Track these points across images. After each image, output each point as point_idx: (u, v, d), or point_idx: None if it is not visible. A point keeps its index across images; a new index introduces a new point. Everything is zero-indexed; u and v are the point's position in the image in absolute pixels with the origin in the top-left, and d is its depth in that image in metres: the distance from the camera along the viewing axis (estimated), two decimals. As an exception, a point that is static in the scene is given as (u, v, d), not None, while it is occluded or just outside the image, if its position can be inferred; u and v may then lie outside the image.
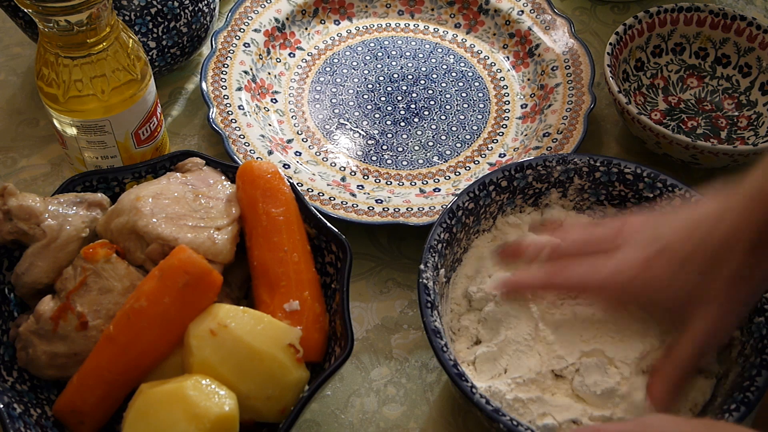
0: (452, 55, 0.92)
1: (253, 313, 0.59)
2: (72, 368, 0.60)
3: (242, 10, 0.91)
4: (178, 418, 0.54)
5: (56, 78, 0.67)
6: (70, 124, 0.70)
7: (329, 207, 0.75)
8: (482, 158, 0.83)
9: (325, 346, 0.63)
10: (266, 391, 0.58)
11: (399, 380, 0.69)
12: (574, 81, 0.85)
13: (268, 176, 0.66)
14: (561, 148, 0.79)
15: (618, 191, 0.70)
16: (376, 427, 0.66)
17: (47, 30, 0.65)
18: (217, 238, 0.63)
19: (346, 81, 0.89)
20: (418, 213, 0.75)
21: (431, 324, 0.60)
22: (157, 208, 0.63)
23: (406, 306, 0.73)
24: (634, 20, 0.86)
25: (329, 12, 0.95)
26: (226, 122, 0.81)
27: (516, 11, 0.93)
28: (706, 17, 0.87)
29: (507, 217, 0.70)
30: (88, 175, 0.68)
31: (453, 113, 0.87)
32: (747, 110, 0.86)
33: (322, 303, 0.64)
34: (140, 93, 0.71)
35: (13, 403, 0.58)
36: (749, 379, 0.58)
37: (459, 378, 0.57)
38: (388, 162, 0.83)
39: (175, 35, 0.83)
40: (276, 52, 0.91)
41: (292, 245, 0.64)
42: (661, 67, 0.89)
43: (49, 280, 0.63)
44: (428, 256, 0.63)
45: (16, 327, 0.62)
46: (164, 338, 0.59)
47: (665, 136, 0.76)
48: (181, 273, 0.58)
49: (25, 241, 0.63)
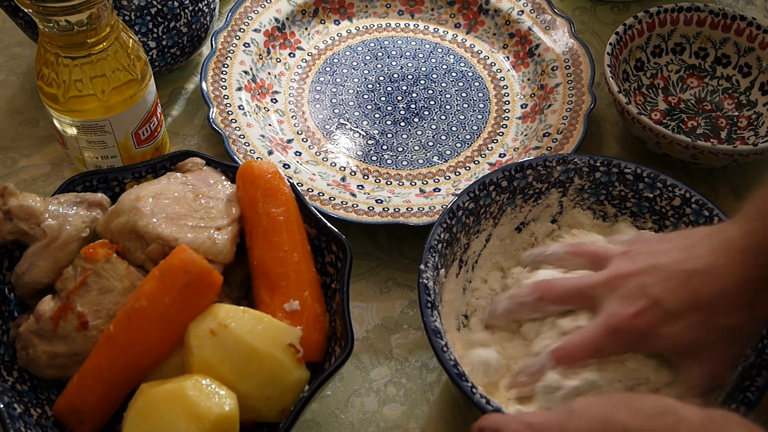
0: (452, 55, 0.92)
1: (253, 313, 0.59)
2: (72, 368, 0.60)
3: (242, 10, 0.91)
4: (179, 418, 0.54)
5: (56, 78, 0.67)
6: (70, 124, 0.70)
7: (329, 207, 0.75)
8: (482, 158, 0.83)
9: (325, 346, 0.63)
10: (266, 391, 0.58)
11: (399, 380, 0.69)
12: (574, 81, 0.85)
13: (268, 176, 0.66)
14: (561, 148, 0.79)
15: (618, 191, 0.70)
16: (376, 427, 0.66)
17: (47, 30, 0.65)
18: (218, 238, 0.63)
19: (346, 81, 0.89)
20: (418, 213, 0.75)
21: (431, 324, 0.60)
22: (157, 208, 0.63)
23: (406, 306, 0.73)
24: (634, 20, 0.86)
25: (329, 12, 0.95)
26: (226, 122, 0.81)
27: (516, 11, 0.93)
28: (706, 17, 0.87)
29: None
30: (88, 175, 0.68)
31: (453, 113, 0.87)
32: (747, 110, 0.86)
33: (322, 303, 0.64)
34: (140, 93, 0.71)
35: (13, 403, 0.58)
36: (749, 378, 0.58)
37: (459, 378, 0.57)
38: (388, 162, 0.83)
39: (175, 35, 0.83)
40: (276, 52, 0.91)
41: (292, 245, 0.64)
42: (661, 67, 0.89)
43: (50, 280, 0.63)
44: (428, 256, 0.63)
45: (16, 327, 0.62)
46: (164, 338, 0.59)
47: (665, 136, 0.76)
48: (181, 273, 0.58)
49: (25, 241, 0.63)
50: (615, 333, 0.57)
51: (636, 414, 0.46)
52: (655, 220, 0.70)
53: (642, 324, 0.56)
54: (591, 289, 0.60)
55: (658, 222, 0.70)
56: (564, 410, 0.51)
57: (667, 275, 0.56)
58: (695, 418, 0.45)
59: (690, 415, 0.45)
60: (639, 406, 0.47)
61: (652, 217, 0.70)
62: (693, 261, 0.56)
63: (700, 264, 0.55)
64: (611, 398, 0.51)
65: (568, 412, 0.50)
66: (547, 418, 0.50)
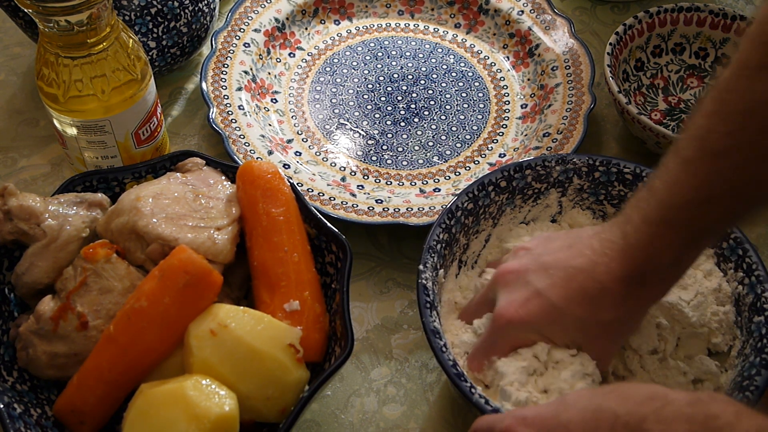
0: (452, 55, 0.92)
1: (253, 313, 0.59)
2: (72, 368, 0.60)
3: (242, 10, 0.91)
4: (179, 418, 0.54)
5: (56, 78, 0.67)
6: (70, 124, 0.70)
7: (329, 207, 0.75)
8: (482, 158, 0.83)
9: (325, 346, 0.63)
10: (266, 391, 0.58)
11: (399, 380, 0.69)
12: (574, 81, 0.85)
13: (268, 176, 0.66)
14: (561, 148, 0.79)
15: (617, 191, 0.70)
16: (376, 427, 0.66)
17: (47, 30, 0.65)
18: (218, 238, 0.63)
19: (346, 81, 0.89)
20: (418, 213, 0.75)
21: (430, 324, 0.60)
22: (157, 208, 0.63)
23: (406, 306, 0.73)
24: (634, 20, 0.86)
25: (329, 12, 0.95)
26: (226, 122, 0.81)
27: (516, 11, 0.93)
28: (706, 17, 0.87)
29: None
30: (88, 175, 0.68)
31: (453, 113, 0.87)
32: (747, 110, 0.86)
33: (322, 303, 0.64)
34: (140, 93, 0.71)
35: (13, 403, 0.58)
36: (749, 378, 0.58)
37: (458, 378, 0.57)
38: (388, 162, 0.83)
39: (175, 35, 0.83)
40: (276, 52, 0.91)
41: (292, 245, 0.64)
42: (661, 67, 0.89)
43: (50, 280, 0.63)
44: (427, 256, 0.63)
45: (16, 327, 0.62)
46: (164, 338, 0.59)
47: (665, 136, 0.76)
48: (181, 273, 0.58)
49: (25, 241, 0.63)
50: (507, 326, 0.59)
51: (626, 401, 0.48)
52: (654, 220, 0.70)
53: (529, 314, 0.59)
54: (488, 290, 0.63)
55: (657, 222, 0.70)
56: (557, 402, 0.52)
57: (552, 272, 0.59)
58: (682, 399, 0.46)
59: (677, 397, 0.47)
60: (629, 393, 0.49)
61: (652, 217, 0.70)
62: (577, 259, 0.58)
63: (583, 262, 0.58)
64: (603, 388, 0.53)
65: (560, 403, 0.51)
66: (540, 411, 0.51)
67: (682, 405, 0.46)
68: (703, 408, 0.45)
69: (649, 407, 0.46)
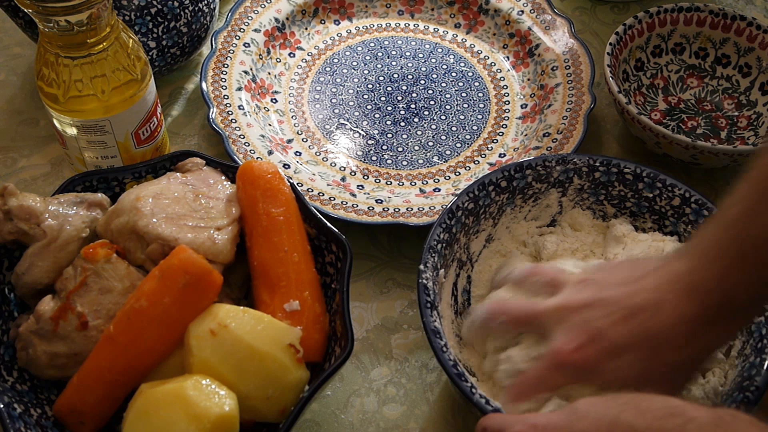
0: (452, 55, 0.92)
1: (253, 313, 0.59)
2: (72, 368, 0.60)
3: (242, 10, 0.91)
4: (178, 418, 0.54)
5: (56, 78, 0.67)
6: (70, 124, 0.70)
7: (329, 207, 0.75)
8: (482, 158, 0.83)
9: (325, 346, 0.63)
10: (266, 391, 0.58)
11: (399, 380, 0.69)
12: (574, 81, 0.85)
13: (268, 176, 0.66)
14: (561, 148, 0.79)
15: (618, 191, 0.70)
16: (376, 427, 0.66)
17: (47, 30, 0.65)
18: (217, 238, 0.63)
19: (346, 81, 0.89)
20: (418, 213, 0.75)
21: (431, 324, 0.60)
22: (157, 208, 0.63)
23: (406, 306, 0.73)
24: (634, 20, 0.86)
25: (329, 12, 0.95)
26: (226, 122, 0.81)
27: (516, 11, 0.93)
28: (706, 17, 0.87)
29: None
30: (88, 175, 0.68)
31: (453, 113, 0.87)
32: (747, 110, 0.86)
33: (322, 303, 0.64)
34: (140, 93, 0.71)
35: (13, 403, 0.58)
36: (749, 378, 0.58)
37: (459, 378, 0.57)
38: (388, 162, 0.83)
39: (175, 35, 0.83)
40: (276, 52, 0.91)
41: (292, 245, 0.64)
42: (661, 67, 0.89)
43: (50, 280, 0.63)
44: (428, 256, 0.63)
45: (16, 327, 0.62)
46: (164, 338, 0.59)
47: (665, 136, 0.76)
48: (181, 273, 0.58)
49: (25, 241, 0.63)
50: (560, 367, 0.57)
51: (644, 415, 0.46)
52: (654, 219, 0.70)
53: (585, 358, 0.55)
54: (540, 317, 0.59)
55: (657, 222, 0.70)
56: (568, 411, 0.50)
57: (613, 309, 0.56)
58: (704, 417, 0.45)
59: (699, 415, 0.45)
60: (646, 406, 0.47)
61: (652, 216, 0.70)
62: (639, 295, 0.55)
63: (646, 299, 0.55)
64: (617, 399, 0.50)
65: (572, 412, 0.50)
66: (552, 419, 0.50)
67: (705, 424, 0.44)
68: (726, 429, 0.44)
69: (671, 423, 0.45)
